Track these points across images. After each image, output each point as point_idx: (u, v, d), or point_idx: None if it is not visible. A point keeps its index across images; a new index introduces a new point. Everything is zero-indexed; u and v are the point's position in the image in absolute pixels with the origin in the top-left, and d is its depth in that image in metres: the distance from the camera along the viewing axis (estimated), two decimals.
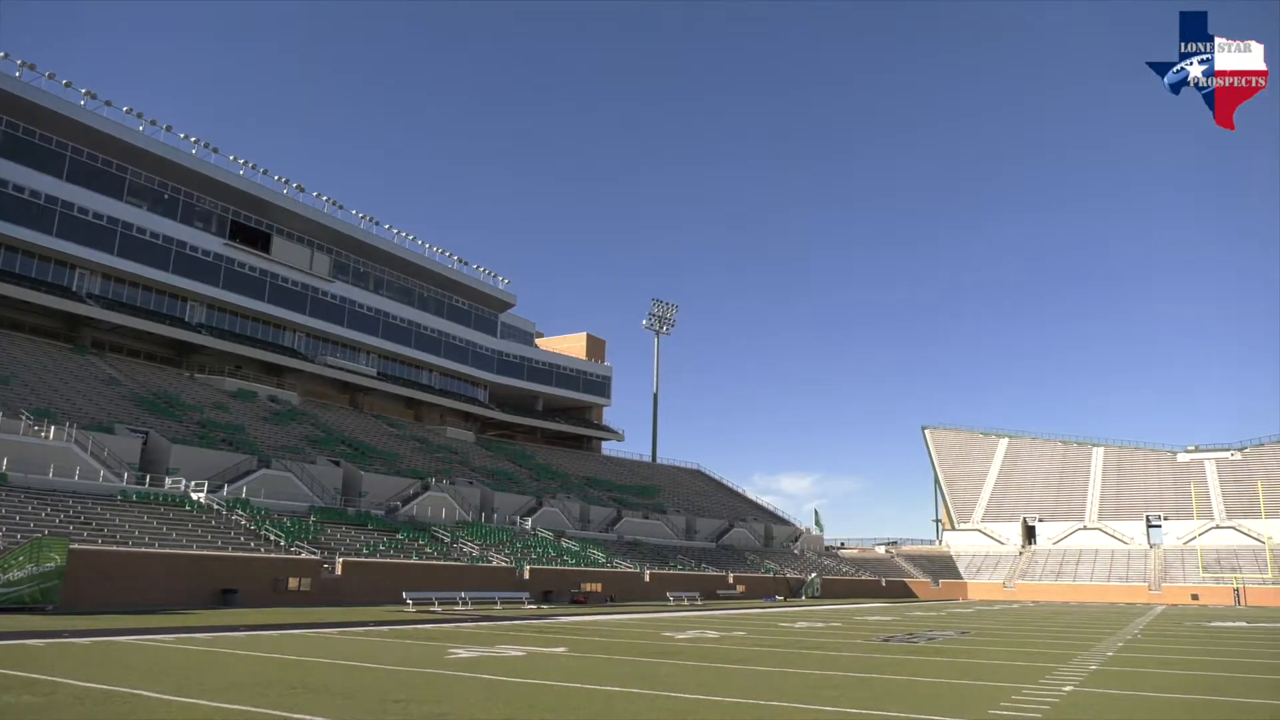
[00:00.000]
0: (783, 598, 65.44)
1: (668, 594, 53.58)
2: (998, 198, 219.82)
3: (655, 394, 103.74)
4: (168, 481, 40.50)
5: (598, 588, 50.28)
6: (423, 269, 77.71)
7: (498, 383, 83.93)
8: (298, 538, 39.45)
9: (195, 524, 36.88)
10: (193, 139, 60.92)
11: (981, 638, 27.23)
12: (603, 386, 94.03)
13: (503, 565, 47.06)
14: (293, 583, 35.30)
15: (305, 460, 50.59)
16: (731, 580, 64.36)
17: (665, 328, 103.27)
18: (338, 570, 38.11)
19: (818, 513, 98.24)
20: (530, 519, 59.98)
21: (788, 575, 71.78)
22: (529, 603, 42.14)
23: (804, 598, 68.21)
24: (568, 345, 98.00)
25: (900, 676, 15.97)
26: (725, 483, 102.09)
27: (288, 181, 67.00)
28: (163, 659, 15.74)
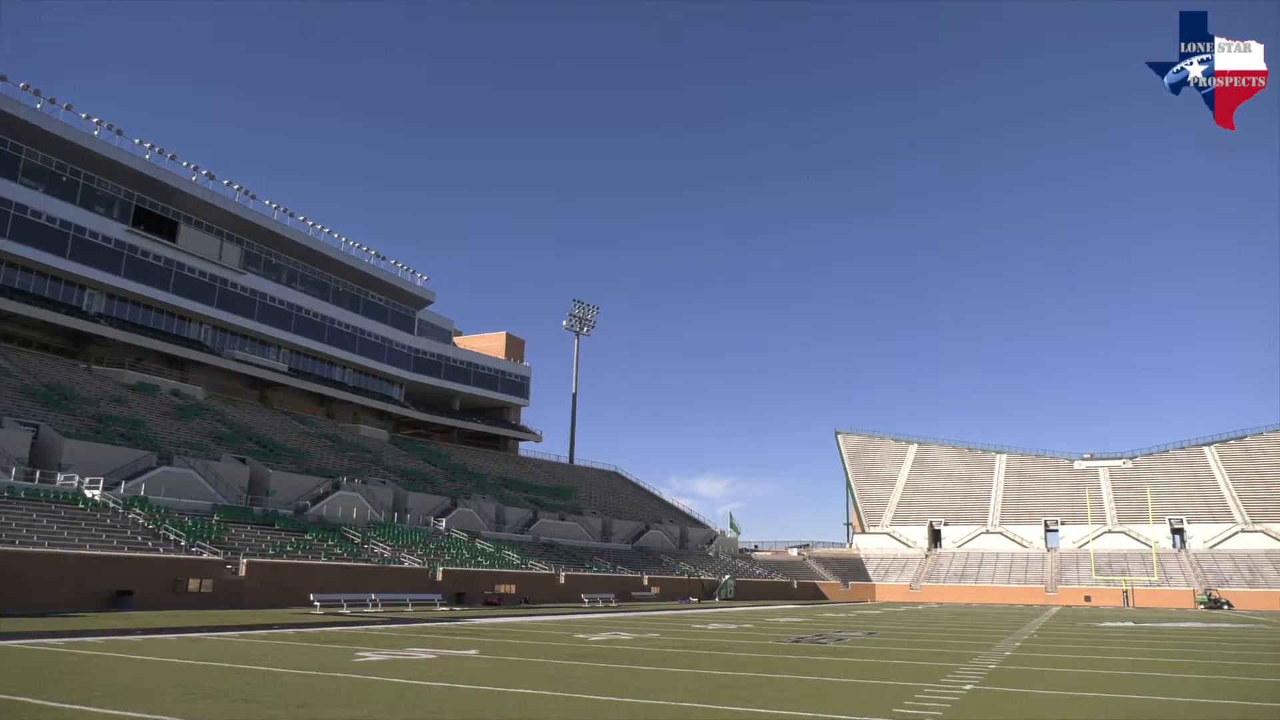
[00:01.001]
0: (697, 600, 66.06)
1: (583, 596, 53.51)
2: (908, 202, 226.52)
3: (574, 395, 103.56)
4: (59, 478, 38.68)
5: (512, 589, 49.87)
6: (338, 263, 75.84)
7: (414, 381, 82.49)
8: (199, 538, 38.02)
9: (89, 523, 35.22)
10: (95, 119, 58.14)
11: (888, 638, 28.01)
12: (521, 387, 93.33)
13: (415, 567, 46.26)
14: (193, 584, 34.05)
15: (210, 457, 48.82)
16: (646, 582, 64.64)
17: (586, 329, 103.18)
18: (241, 571, 36.85)
19: (733, 516, 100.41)
20: (445, 520, 59.14)
21: (702, 577, 72.49)
22: (441, 605, 41.62)
23: (718, 599, 69.03)
24: (487, 344, 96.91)
25: (809, 676, 16.31)
26: (642, 485, 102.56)
27: (197, 168, 64.53)
28: (53, 664, 15.03)
